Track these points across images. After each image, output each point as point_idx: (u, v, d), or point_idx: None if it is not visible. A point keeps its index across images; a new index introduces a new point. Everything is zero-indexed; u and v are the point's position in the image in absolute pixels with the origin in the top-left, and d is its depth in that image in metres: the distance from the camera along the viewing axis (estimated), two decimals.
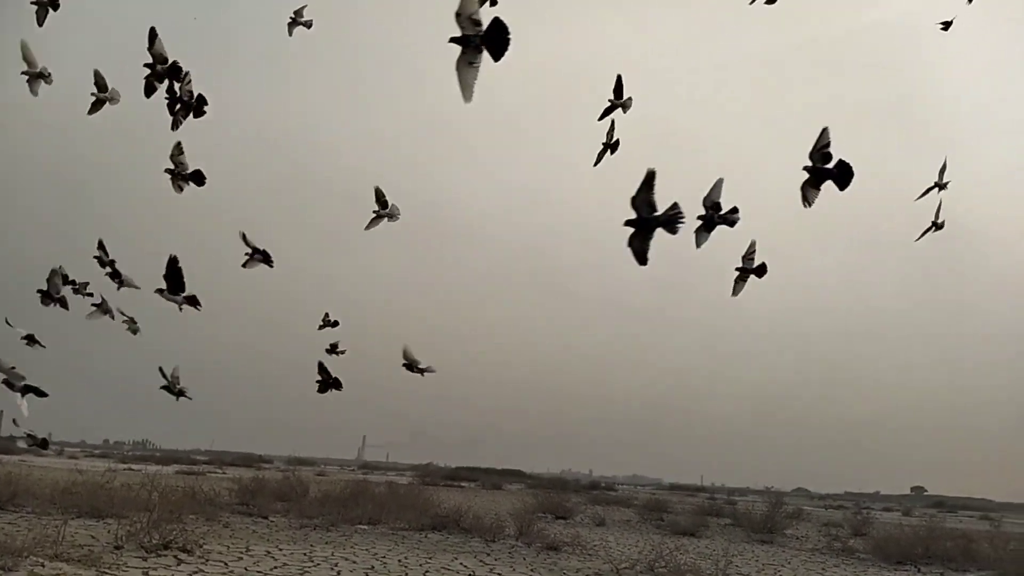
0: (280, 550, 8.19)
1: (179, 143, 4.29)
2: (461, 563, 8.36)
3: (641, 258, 3.11)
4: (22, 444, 5.11)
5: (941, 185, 5.47)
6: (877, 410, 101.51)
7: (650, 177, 2.94)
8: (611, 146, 4.72)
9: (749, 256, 3.98)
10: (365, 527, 11.33)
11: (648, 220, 3.01)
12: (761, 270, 4.00)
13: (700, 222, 3.56)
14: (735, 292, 4.04)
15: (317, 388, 5.35)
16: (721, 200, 3.59)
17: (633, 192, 2.95)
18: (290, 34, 5.50)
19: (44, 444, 4.91)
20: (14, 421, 4.73)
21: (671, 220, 3.03)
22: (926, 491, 68.34)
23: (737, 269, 3.98)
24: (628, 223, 3.02)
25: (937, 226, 5.34)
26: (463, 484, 33.79)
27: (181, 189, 4.39)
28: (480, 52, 2.91)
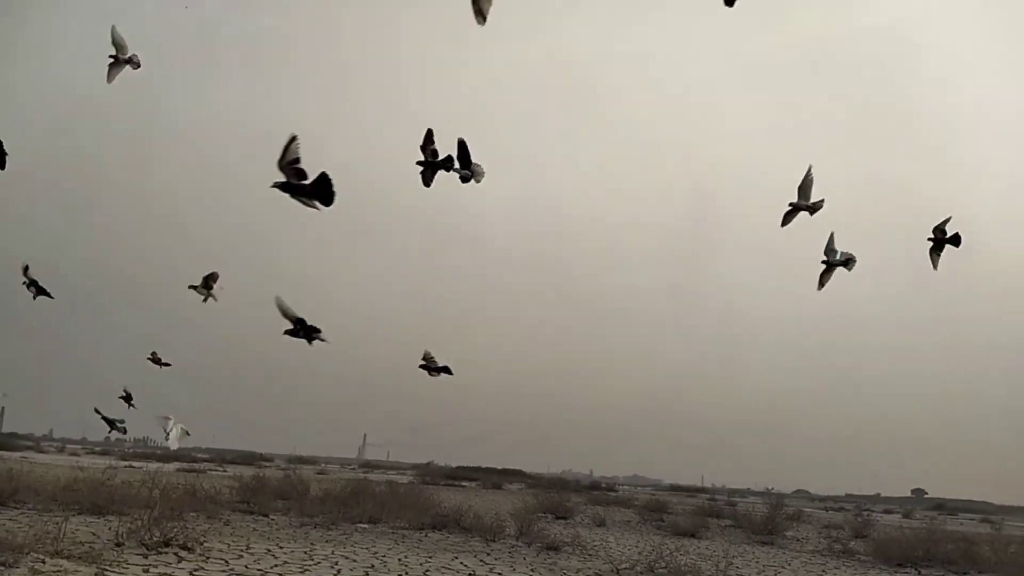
0: (281, 548, 8.20)
1: None
2: (461, 562, 8.36)
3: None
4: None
5: (809, 207, 4.35)
6: (878, 412, 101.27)
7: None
8: (440, 165, 4.31)
9: (431, 359, 4.84)
10: (365, 526, 11.34)
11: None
12: (446, 370, 4.82)
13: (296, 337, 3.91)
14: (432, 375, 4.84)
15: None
16: (303, 318, 3.88)
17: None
18: (109, 80, 4.65)
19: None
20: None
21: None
22: (927, 493, 68.30)
23: (421, 367, 4.84)
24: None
25: (836, 264, 4.36)
26: (463, 483, 33.81)
27: None
28: None
